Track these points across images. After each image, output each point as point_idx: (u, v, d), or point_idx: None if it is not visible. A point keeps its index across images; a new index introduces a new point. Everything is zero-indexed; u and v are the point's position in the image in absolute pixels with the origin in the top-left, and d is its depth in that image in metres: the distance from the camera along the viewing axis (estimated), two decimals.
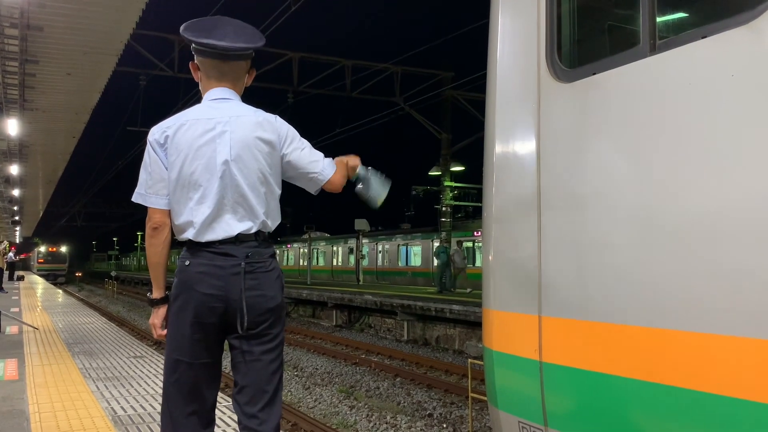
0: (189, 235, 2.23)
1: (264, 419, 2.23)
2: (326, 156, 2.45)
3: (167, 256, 2.32)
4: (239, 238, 2.21)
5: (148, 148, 2.29)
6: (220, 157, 2.21)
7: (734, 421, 1.82)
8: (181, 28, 2.29)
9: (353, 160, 2.49)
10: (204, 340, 2.23)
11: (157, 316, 2.32)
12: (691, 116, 1.98)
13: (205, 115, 2.27)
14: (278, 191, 2.34)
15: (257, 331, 2.23)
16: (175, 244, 2.35)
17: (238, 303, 2.18)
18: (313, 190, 2.41)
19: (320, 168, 2.37)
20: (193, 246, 2.23)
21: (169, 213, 2.27)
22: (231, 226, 2.21)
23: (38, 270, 59.00)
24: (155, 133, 2.28)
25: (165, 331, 2.31)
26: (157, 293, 2.33)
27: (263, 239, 2.27)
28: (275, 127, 2.32)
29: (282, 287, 2.32)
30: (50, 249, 62.32)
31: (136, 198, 2.29)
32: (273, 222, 2.32)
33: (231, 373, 2.36)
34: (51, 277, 52.76)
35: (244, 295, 2.18)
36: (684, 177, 1.99)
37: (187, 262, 2.23)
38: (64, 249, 64.00)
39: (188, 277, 2.21)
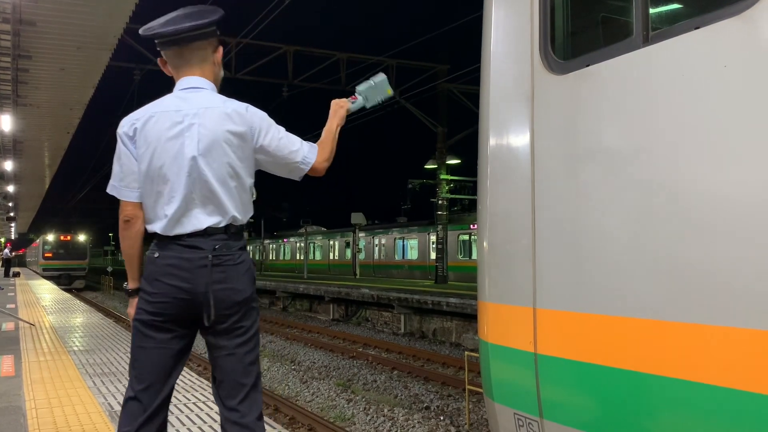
0: (157, 228, 2.22)
1: (245, 412, 2.22)
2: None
3: (141, 248, 2.31)
4: (208, 231, 2.19)
5: (118, 140, 2.26)
6: (188, 152, 2.18)
7: (728, 411, 1.83)
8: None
9: (339, 115, 2.48)
10: (169, 332, 2.23)
11: (133, 306, 2.32)
12: (685, 107, 1.98)
13: (174, 106, 2.24)
14: (249, 183, 2.29)
15: (228, 326, 2.22)
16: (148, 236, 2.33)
17: (204, 296, 2.17)
18: (296, 177, 2.37)
19: (301, 156, 2.32)
20: (162, 239, 2.22)
21: (141, 205, 2.26)
22: (200, 220, 2.20)
23: (45, 269, 40.47)
24: (124, 125, 2.26)
25: None
26: (132, 284, 2.32)
27: (234, 232, 2.24)
28: (246, 118, 2.26)
29: (252, 280, 2.28)
30: (62, 237, 42.67)
31: (110, 190, 2.29)
32: (244, 215, 2.28)
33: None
34: (64, 279, 38.10)
35: (210, 288, 2.16)
36: (677, 168, 1.99)
37: (156, 254, 2.23)
38: (82, 238, 43.84)
39: (156, 269, 2.21)
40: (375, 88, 2.51)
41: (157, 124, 2.21)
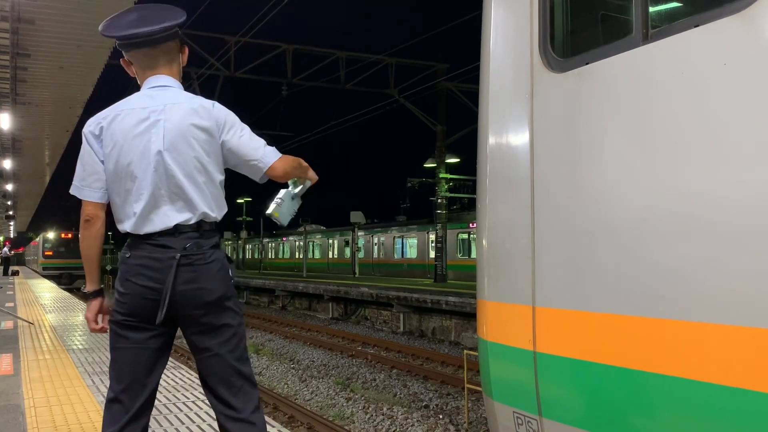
0: (128, 227, 2.21)
1: (241, 407, 2.21)
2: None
3: (100, 249, 2.28)
4: (178, 229, 2.17)
5: (83, 140, 2.25)
6: (153, 147, 2.16)
7: (727, 408, 1.83)
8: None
9: (312, 172, 2.43)
10: (145, 331, 2.21)
11: (90, 310, 2.28)
12: (684, 105, 1.98)
13: (141, 104, 2.22)
14: (219, 178, 2.27)
15: (205, 326, 2.20)
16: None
17: (171, 295, 2.14)
18: (256, 177, 2.33)
19: (261, 155, 2.27)
20: (134, 238, 2.21)
21: (102, 206, 2.24)
22: (169, 217, 2.18)
23: (45, 268, 39.10)
24: (91, 124, 2.25)
25: (100, 326, 2.28)
26: (90, 286, 2.30)
27: (206, 229, 2.22)
28: (212, 113, 2.24)
29: (226, 279, 2.23)
30: (63, 235, 41.08)
31: (72, 190, 2.27)
32: (216, 212, 2.25)
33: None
34: (65, 278, 36.58)
35: (173, 288, 2.13)
36: (677, 166, 1.99)
37: (128, 254, 2.21)
38: None
39: (127, 269, 2.20)
40: (296, 206, 2.45)
41: (123, 121, 2.20)
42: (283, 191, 2.43)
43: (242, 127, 2.30)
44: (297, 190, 2.43)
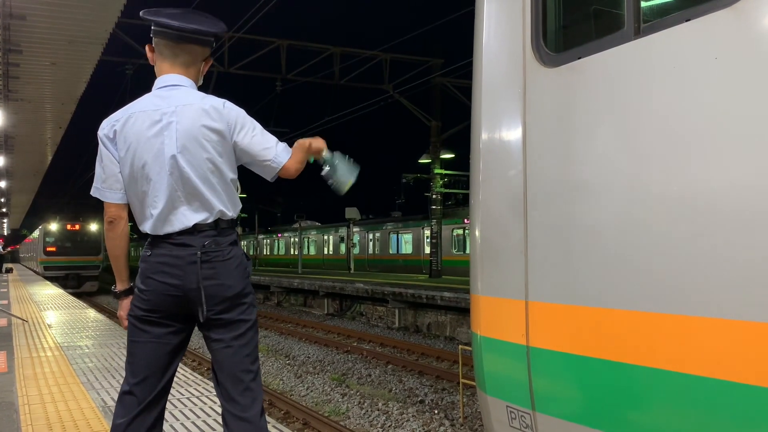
0: (147, 228, 2.25)
1: (246, 405, 2.24)
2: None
3: (126, 248, 2.34)
4: (197, 228, 2.21)
5: (99, 143, 2.28)
6: (167, 151, 2.19)
7: (718, 402, 1.84)
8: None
9: (317, 142, 2.39)
10: (165, 327, 2.26)
11: (123, 308, 2.35)
12: (676, 99, 1.98)
13: (152, 105, 2.24)
14: (231, 177, 2.29)
15: (221, 320, 2.24)
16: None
17: (196, 292, 2.19)
18: (268, 177, 2.34)
19: (273, 155, 2.28)
20: (154, 238, 2.25)
21: (124, 206, 2.29)
22: (187, 217, 2.21)
23: (46, 267, 31.99)
24: (104, 127, 2.27)
25: None
26: (120, 285, 2.35)
27: (224, 227, 2.26)
28: (222, 114, 2.25)
29: (244, 275, 2.28)
30: (69, 227, 33.10)
31: (93, 192, 2.31)
32: (231, 210, 2.29)
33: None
34: (72, 280, 30.90)
35: (201, 285, 2.18)
36: (669, 160, 1.99)
37: (148, 253, 2.26)
38: (94, 227, 33.48)
39: (148, 267, 2.24)
40: (347, 167, 2.43)
41: (136, 124, 2.22)
42: (327, 172, 2.42)
43: (254, 126, 2.31)
44: (335, 162, 2.41)
